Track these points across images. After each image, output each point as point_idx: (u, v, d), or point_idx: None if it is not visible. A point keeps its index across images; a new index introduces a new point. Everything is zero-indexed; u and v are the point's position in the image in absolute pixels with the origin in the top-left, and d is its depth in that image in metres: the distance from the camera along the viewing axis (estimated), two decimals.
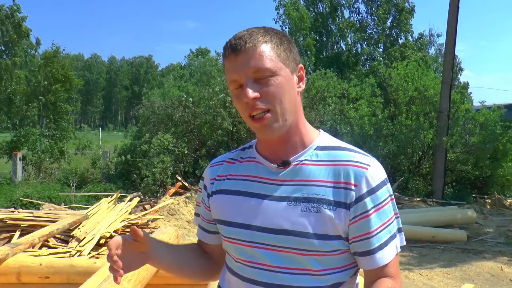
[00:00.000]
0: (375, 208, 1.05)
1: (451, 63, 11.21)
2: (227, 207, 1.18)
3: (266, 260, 1.09)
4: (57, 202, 9.50)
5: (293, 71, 1.11)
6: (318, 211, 1.04)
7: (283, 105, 1.06)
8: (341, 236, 1.06)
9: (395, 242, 1.08)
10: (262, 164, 1.16)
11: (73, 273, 3.01)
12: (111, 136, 29.81)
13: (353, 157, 1.09)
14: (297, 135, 1.13)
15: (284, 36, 1.13)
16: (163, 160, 10.37)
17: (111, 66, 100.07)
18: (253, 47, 1.06)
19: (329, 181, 1.07)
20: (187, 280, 1.38)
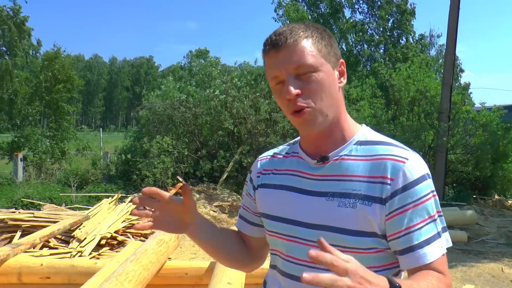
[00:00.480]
0: (414, 204, 1.01)
1: (452, 64, 11.21)
2: (271, 201, 1.20)
3: (304, 255, 1.06)
4: (58, 202, 9.51)
5: (334, 66, 1.11)
6: (353, 207, 1.03)
7: (324, 101, 1.07)
8: (376, 233, 1.03)
9: (440, 242, 1.02)
10: (303, 159, 1.17)
11: (74, 273, 3.01)
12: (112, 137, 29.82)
13: (391, 151, 1.07)
14: (338, 130, 1.13)
15: (324, 31, 1.12)
16: (164, 161, 10.38)
17: (112, 67, 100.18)
18: (294, 42, 1.05)
19: (366, 176, 1.05)
20: (222, 263, 1.38)
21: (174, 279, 2.93)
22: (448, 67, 11.18)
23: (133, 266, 2.44)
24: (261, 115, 10.48)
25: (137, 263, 2.49)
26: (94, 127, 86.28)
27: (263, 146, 10.88)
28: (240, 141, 11.07)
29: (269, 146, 10.67)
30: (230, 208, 9.06)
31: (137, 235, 6.75)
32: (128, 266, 2.41)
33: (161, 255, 2.82)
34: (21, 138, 15.22)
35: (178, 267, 2.97)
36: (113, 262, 2.96)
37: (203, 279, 2.88)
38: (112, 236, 6.18)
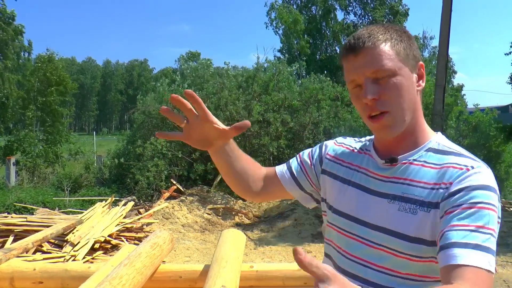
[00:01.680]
0: (465, 206, 0.94)
1: (445, 65, 11.26)
2: (337, 194, 1.21)
3: (359, 253, 1.10)
4: (51, 207, 9.45)
5: (413, 69, 1.09)
6: (414, 213, 1.02)
7: (402, 106, 1.06)
8: (432, 242, 0.99)
9: (486, 256, 0.88)
10: (373, 158, 1.16)
11: (67, 277, 2.98)
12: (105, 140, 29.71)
13: (458, 160, 1.03)
14: (412, 135, 1.11)
15: (404, 33, 1.10)
16: (157, 164, 10.35)
17: (106, 70, 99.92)
18: (372, 46, 1.04)
19: (430, 183, 1.03)
20: (232, 186, 1.45)
21: (168, 283, 2.91)
22: (441, 68, 11.22)
23: (127, 270, 2.42)
24: (254, 116, 10.48)
25: (131, 267, 2.46)
26: (88, 130, 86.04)
27: (257, 148, 10.90)
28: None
29: (262, 148, 10.68)
30: (224, 211, 9.04)
31: (131, 239, 6.72)
32: (121, 270, 2.39)
33: (155, 258, 2.80)
34: (14, 142, 15.12)
35: (172, 270, 2.95)
36: (106, 266, 2.93)
37: (197, 282, 2.86)
38: (106, 240, 6.16)
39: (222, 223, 8.52)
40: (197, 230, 8.05)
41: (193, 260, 6.32)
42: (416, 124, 1.11)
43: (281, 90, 11.59)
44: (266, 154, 11.38)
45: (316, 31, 23.53)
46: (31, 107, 16.55)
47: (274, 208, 9.49)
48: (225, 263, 2.59)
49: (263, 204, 9.86)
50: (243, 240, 3.28)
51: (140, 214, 7.97)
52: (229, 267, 2.54)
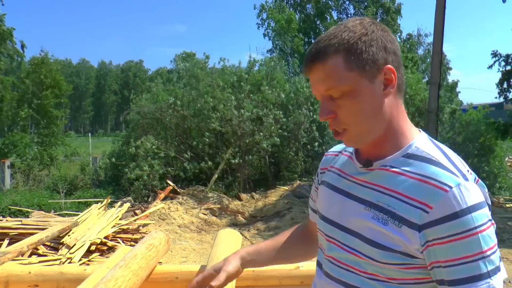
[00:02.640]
0: (454, 237, 0.90)
1: (439, 63, 11.29)
2: (322, 199, 1.21)
3: (340, 257, 1.09)
4: (47, 209, 9.41)
5: (374, 77, 0.99)
6: (385, 224, 0.98)
7: (362, 121, 1.01)
8: (404, 253, 0.96)
9: (487, 283, 0.89)
10: (352, 161, 1.13)
11: (63, 280, 2.97)
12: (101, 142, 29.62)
13: (437, 175, 0.94)
14: (391, 139, 1.05)
15: (364, 35, 0.99)
16: (151, 164, 10.36)
17: (100, 72, 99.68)
18: (322, 62, 0.98)
19: (405, 195, 0.97)
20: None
21: (164, 284, 2.90)
22: (435, 66, 11.25)
23: (123, 271, 2.41)
24: (245, 115, 10.50)
25: (127, 269, 2.45)
26: (83, 132, 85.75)
27: (251, 147, 10.91)
28: (228, 143, 11.07)
29: (256, 145, 10.70)
30: (220, 211, 9.03)
31: (127, 240, 6.70)
32: (117, 272, 2.38)
33: (151, 259, 2.79)
34: (9, 145, 15.06)
35: (169, 271, 2.94)
36: (102, 268, 2.92)
37: None
38: (102, 242, 6.13)
39: (218, 223, 8.52)
40: (193, 230, 8.04)
41: (190, 260, 6.31)
42: (394, 129, 1.04)
43: (274, 89, 11.60)
44: (261, 152, 11.39)
45: (311, 29, 23.57)
46: (24, 108, 16.45)
47: (270, 208, 9.48)
48: None
49: (259, 203, 9.86)
50: (240, 240, 3.28)
51: (136, 215, 7.95)
52: None
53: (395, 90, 1.03)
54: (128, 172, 10.27)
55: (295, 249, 1.40)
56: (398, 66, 1.02)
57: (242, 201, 10.02)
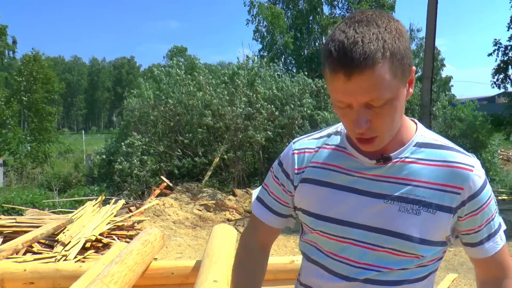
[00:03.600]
0: (482, 208, 1.05)
1: (432, 57, 11.34)
2: (316, 198, 1.12)
3: (357, 256, 1.06)
4: (41, 207, 9.38)
5: (407, 80, 0.96)
6: (417, 213, 1.00)
7: (394, 127, 1.00)
8: (436, 242, 1.05)
9: (499, 235, 1.10)
10: (355, 157, 1.08)
11: (58, 277, 2.97)
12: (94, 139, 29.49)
13: (457, 158, 1.04)
14: (398, 134, 1.05)
15: (400, 36, 0.92)
16: (143, 160, 10.37)
17: (93, 68, 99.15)
18: (371, 69, 0.87)
19: (432, 183, 1.02)
20: None
21: (160, 279, 2.92)
22: (428, 60, 11.30)
23: (118, 267, 2.42)
24: (238, 110, 10.51)
25: (122, 265, 2.47)
26: (77, 129, 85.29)
27: (245, 142, 10.93)
28: (222, 138, 11.07)
29: (250, 139, 10.71)
30: (215, 206, 9.05)
31: (122, 237, 6.70)
32: (113, 268, 2.39)
33: (147, 255, 2.80)
34: (1, 143, 14.96)
35: (164, 267, 2.95)
36: (98, 264, 2.93)
37: (189, 278, 2.87)
38: (97, 239, 6.13)
39: (213, 219, 8.53)
40: (188, 226, 8.04)
41: (185, 256, 6.32)
42: (403, 122, 1.06)
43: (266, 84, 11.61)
44: (255, 147, 11.40)
45: (304, 25, 23.53)
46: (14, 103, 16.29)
47: None
48: (217, 258, 2.60)
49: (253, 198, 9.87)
50: (234, 235, 3.30)
51: (131, 212, 7.94)
52: (220, 262, 2.55)
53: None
54: (118, 163, 10.27)
55: (262, 276, 1.29)
56: None
57: (237, 196, 10.03)
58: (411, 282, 1.07)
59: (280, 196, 1.22)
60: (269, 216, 1.25)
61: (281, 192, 1.22)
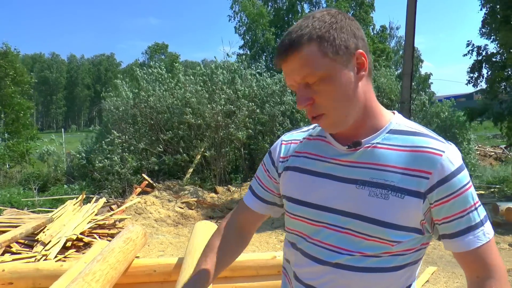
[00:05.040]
0: (452, 196, 1.01)
1: (411, 54, 11.46)
2: (295, 185, 1.18)
3: (331, 240, 1.09)
4: (20, 206, 9.24)
5: (347, 62, 1.03)
6: (385, 198, 1.02)
7: (338, 106, 1.04)
8: (407, 227, 1.03)
9: (483, 230, 1.03)
10: (331, 145, 1.14)
11: (39, 277, 2.94)
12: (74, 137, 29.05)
13: (428, 143, 1.04)
14: (367, 121, 1.10)
15: (335, 23, 1.03)
16: (123, 158, 10.29)
17: (71, 65, 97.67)
18: (297, 50, 1.01)
19: (401, 167, 1.03)
20: None
21: (142, 277, 2.91)
22: (408, 57, 11.42)
23: (100, 265, 2.40)
24: (218, 108, 10.50)
25: (104, 263, 2.45)
26: (56, 127, 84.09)
27: (226, 140, 10.92)
28: (203, 136, 11.05)
29: (231, 137, 10.72)
30: (197, 204, 9.03)
31: (103, 236, 6.65)
32: (95, 266, 2.38)
33: (129, 253, 2.79)
34: None
35: (146, 264, 2.94)
36: (79, 263, 2.91)
37: (171, 276, 2.87)
38: (78, 238, 6.07)
39: (195, 216, 8.52)
40: (170, 224, 8.02)
41: (167, 254, 6.31)
42: (368, 111, 1.10)
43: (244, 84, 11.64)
44: (236, 144, 11.40)
45: (283, 23, 23.55)
46: None
47: None
48: (199, 255, 2.61)
49: (235, 196, 9.90)
50: None
51: (112, 210, 7.88)
52: None
53: (367, 74, 1.08)
54: (98, 162, 10.18)
55: (232, 254, 1.36)
56: (367, 51, 1.07)
57: (218, 193, 10.03)
58: (386, 271, 1.06)
59: (265, 182, 1.31)
60: (252, 201, 1.34)
61: (267, 179, 1.31)
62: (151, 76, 11.94)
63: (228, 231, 1.36)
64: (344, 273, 1.07)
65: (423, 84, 22.03)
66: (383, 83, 13.51)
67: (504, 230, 7.20)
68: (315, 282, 1.12)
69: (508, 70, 12.23)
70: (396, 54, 29.59)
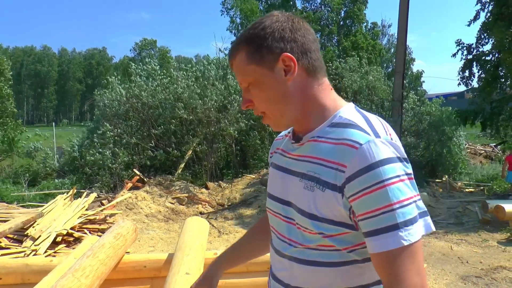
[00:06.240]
0: (363, 192, 0.94)
1: (403, 52, 11.50)
2: (270, 180, 1.26)
3: (284, 231, 1.15)
4: (9, 200, 9.18)
5: (272, 67, 1.07)
6: (312, 190, 1.03)
7: (271, 107, 1.11)
8: (330, 220, 1.01)
9: (397, 235, 0.93)
10: (290, 139, 1.20)
11: (28, 272, 2.92)
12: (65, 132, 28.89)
13: (350, 135, 1.00)
14: (310, 116, 1.11)
15: (263, 30, 1.08)
16: (114, 152, 10.26)
17: (62, 59, 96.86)
18: (233, 59, 1.11)
19: (325, 160, 1.02)
20: None
21: (132, 273, 2.90)
22: (400, 55, 11.46)
23: (90, 261, 2.40)
24: (209, 103, 10.50)
25: (94, 258, 2.45)
26: (47, 121, 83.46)
27: (217, 135, 10.92)
28: (194, 131, 11.04)
29: (223, 132, 10.72)
30: (187, 199, 9.03)
31: (94, 231, 6.63)
32: (85, 262, 2.37)
33: (119, 249, 2.79)
34: None
35: (136, 260, 2.94)
36: (69, 258, 2.89)
37: (161, 271, 2.86)
38: (68, 233, 6.05)
39: (185, 212, 8.52)
40: (161, 219, 8.01)
41: (158, 249, 6.31)
42: (312, 106, 1.10)
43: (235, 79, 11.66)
44: (227, 141, 11.41)
45: None
46: None
47: (237, 196, 9.54)
48: (189, 250, 2.61)
49: (226, 191, 9.90)
50: (207, 228, 3.31)
51: (103, 206, 7.86)
52: (192, 254, 2.56)
53: (305, 74, 1.09)
54: (88, 155, 10.15)
55: (256, 245, 1.49)
56: (303, 52, 1.08)
57: (209, 189, 10.03)
58: (324, 265, 1.06)
59: None
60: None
61: None
62: (144, 71, 11.90)
63: (260, 221, 1.49)
64: (294, 264, 1.11)
65: (415, 82, 22.16)
66: (371, 82, 13.57)
67: (493, 227, 7.28)
68: (278, 273, 1.18)
69: (501, 70, 12.29)
70: (388, 52, 29.65)
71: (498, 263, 5.64)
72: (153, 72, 11.74)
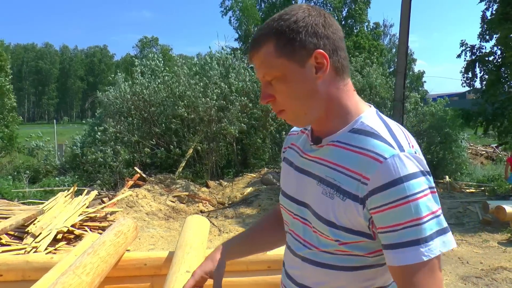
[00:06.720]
0: (386, 207, 0.94)
1: (405, 53, 11.49)
2: (284, 176, 1.26)
3: (300, 231, 1.14)
4: (10, 197, 9.18)
5: (304, 62, 1.03)
6: (331, 197, 1.02)
7: (294, 104, 1.06)
8: (349, 229, 1.01)
9: (418, 250, 0.93)
10: (308, 139, 1.17)
11: (28, 269, 2.92)
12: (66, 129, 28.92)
13: (374, 147, 0.98)
14: (331, 119, 1.08)
15: (295, 22, 1.03)
16: (115, 150, 10.27)
17: (64, 56, 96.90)
18: (257, 50, 1.06)
19: (346, 168, 1.01)
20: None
21: (133, 270, 2.91)
22: (401, 56, 11.45)
23: (91, 258, 2.40)
24: (211, 102, 10.50)
25: (95, 256, 2.45)
26: (48, 119, 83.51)
27: (218, 134, 10.92)
28: (196, 130, 11.04)
29: (223, 131, 10.72)
30: (188, 198, 9.03)
31: (94, 228, 6.64)
32: (85, 259, 2.37)
33: (119, 246, 2.79)
34: None
35: (137, 258, 2.94)
36: (70, 255, 2.89)
37: (162, 269, 2.86)
38: (69, 230, 6.05)
39: (186, 210, 8.52)
40: (161, 218, 8.02)
41: (158, 247, 6.31)
42: (335, 108, 1.08)
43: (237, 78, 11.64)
44: (228, 139, 11.41)
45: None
46: None
47: (238, 195, 9.54)
48: (189, 248, 2.61)
49: (227, 190, 9.91)
50: (207, 226, 3.31)
51: (104, 203, 7.86)
52: (193, 252, 2.56)
53: (333, 72, 1.06)
54: (89, 153, 10.15)
55: (268, 237, 1.45)
56: (334, 49, 1.05)
57: (210, 188, 10.04)
58: (338, 269, 1.07)
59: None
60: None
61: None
62: (147, 68, 11.90)
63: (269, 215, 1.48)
64: (307, 265, 1.11)
65: (417, 82, 22.16)
66: (373, 81, 13.55)
67: (493, 228, 7.28)
68: (290, 271, 1.19)
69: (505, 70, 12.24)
70: (389, 52, 29.65)
71: (499, 263, 5.64)
72: (157, 69, 11.73)
